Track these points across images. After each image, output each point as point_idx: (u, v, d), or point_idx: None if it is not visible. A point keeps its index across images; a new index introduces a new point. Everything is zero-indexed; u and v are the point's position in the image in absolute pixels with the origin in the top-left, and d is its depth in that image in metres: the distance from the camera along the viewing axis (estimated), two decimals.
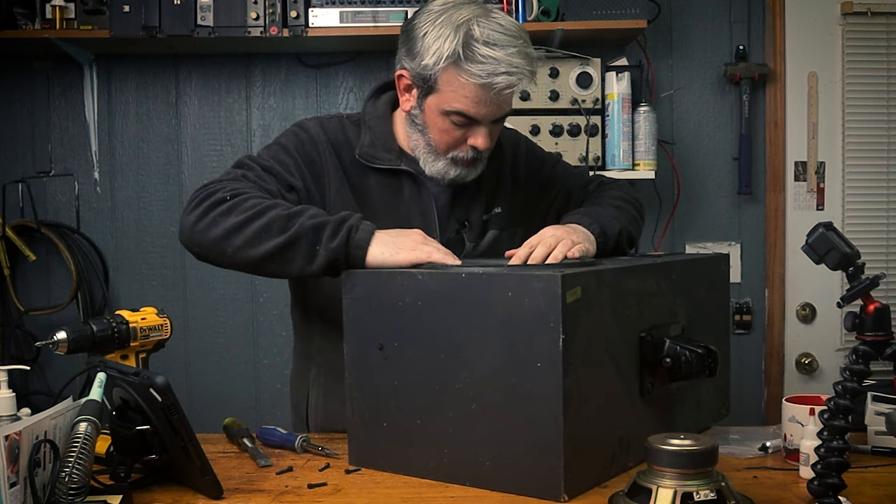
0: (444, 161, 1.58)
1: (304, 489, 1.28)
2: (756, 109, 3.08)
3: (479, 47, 1.45)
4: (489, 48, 1.45)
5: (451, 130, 1.54)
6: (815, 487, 1.14)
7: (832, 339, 3.13)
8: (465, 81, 1.47)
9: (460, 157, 1.57)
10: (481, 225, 1.67)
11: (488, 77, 1.45)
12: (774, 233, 3.09)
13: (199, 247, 1.49)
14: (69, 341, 1.40)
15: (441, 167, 1.59)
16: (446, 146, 1.56)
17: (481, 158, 1.60)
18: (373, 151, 1.62)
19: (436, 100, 1.52)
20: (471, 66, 1.45)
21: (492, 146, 1.59)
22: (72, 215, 3.05)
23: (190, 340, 3.02)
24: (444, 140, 1.56)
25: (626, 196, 1.73)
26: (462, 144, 1.56)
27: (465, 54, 1.45)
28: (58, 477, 1.11)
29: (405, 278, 1.32)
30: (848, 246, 1.12)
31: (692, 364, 1.34)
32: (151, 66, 3.05)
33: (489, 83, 1.46)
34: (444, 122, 1.53)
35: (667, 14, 3.07)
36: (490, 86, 1.46)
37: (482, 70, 1.45)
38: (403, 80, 1.57)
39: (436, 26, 1.48)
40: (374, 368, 1.35)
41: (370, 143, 1.62)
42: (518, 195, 1.73)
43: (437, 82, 1.50)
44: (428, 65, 1.48)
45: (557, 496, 1.19)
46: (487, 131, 1.54)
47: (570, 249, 1.44)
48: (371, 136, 1.63)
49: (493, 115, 1.52)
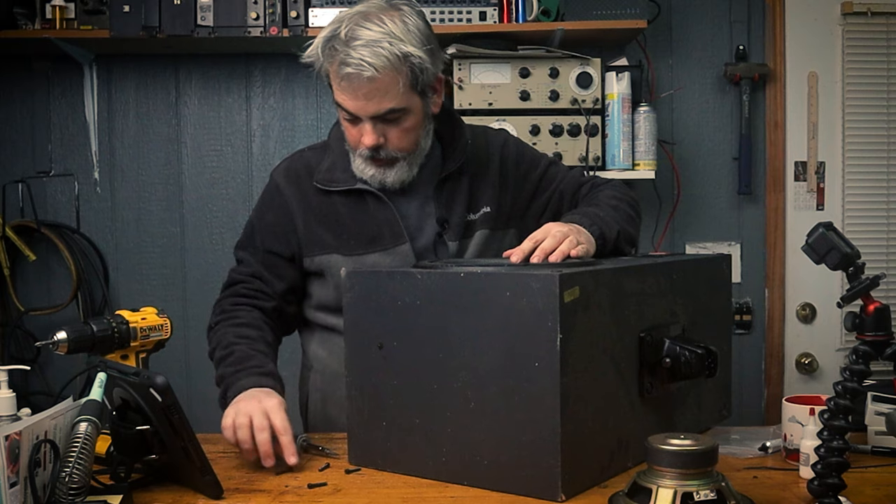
0: (358, 159, 1.63)
1: (304, 489, 1.28)
2: (756, 109, 3.08)
3: (340, 41, 1.52)
4: (342, 45, 1.52)
5: (350, 127, 1.61)
6: (815, 487, 1.14)
7: (832, 339, 3.12)
8: (334, 72, 1.55)
9: (364, 154, 1.61)
10: (464, 225, 1.67)
11: (345, 68, 1.52)
12: (774, 233, 3.09)
13: None
14: (69, 341, 1.40)
15: (359, 164, 1.64)
16: (352, 142, 1.62)
17: (394, 158, 1.61)
18: (330, 175, 1.68)
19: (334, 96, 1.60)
20: (333, 58, 1.54)
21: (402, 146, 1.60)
22: (72, 215, 3.05)
23: (190, 340, 3.01)
24: (349, 136, 1.63)
25: (621, 196, 1.72)
26: (359, 143, 1.60)
27: (333, 47, 1.53)
28: (58, 477, 1.11)
29: (404, 278, 1.32)
30: (848, 246, 1.12)
31: (692, 364, 1.34)
32: (151, 66, 3.05)
33: (347, 74, 1.52)
34: (343, 119, 1.61)
35: (667, 14, 3.07)
36: (348, 77, 1.52)
37: (339, 61, 1.53)
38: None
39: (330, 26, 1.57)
40: (373, 368, 1.35)
41: (328, 167, 1.69)
42: (507, 195, 1.73)
43: (330, 76, 1.58)
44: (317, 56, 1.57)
45: (555, 496, 1.19)
46: (370, 127, 1.57)
47: (575, 248, 1.44)
48: (331, 159, 1.70)
49: (363, 109, 1.55)
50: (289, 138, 3.07)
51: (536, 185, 1.76)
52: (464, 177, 1.69)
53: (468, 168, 1.69)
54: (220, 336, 1.64)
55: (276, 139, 3.08)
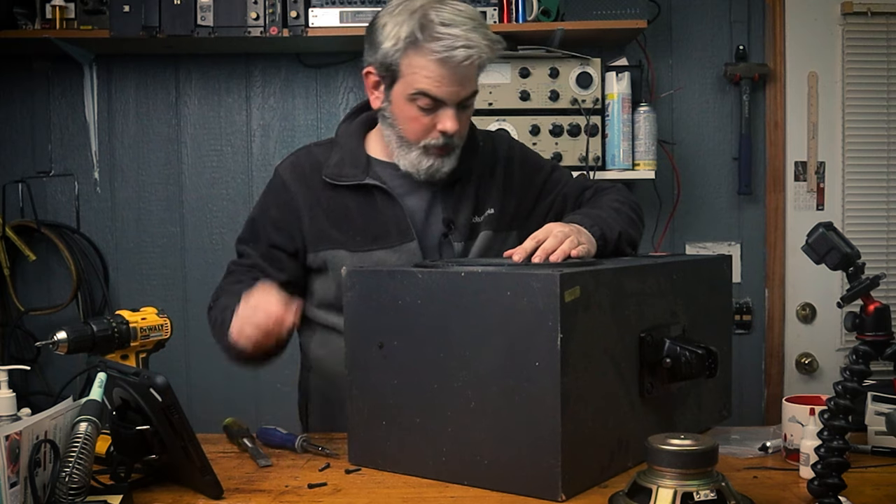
0: (416, 151, 1.61)
1: (304, 489, 1.28)
2: (756, 109, 3.08)
3: (436, 26, 1.50)
4: (445, 27, 1.50)
5: (420, 117, 1.57)
6: (815, 487, 1.14)
7: (832, 339, 3.12)
8: (425, 61, 1.51)
9: (431, 144, 1.59)
10: (469, 226, 1.68)
11: (446, 51, 1.50)
12: (774, 233, 3.09)
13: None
14: (69, 341, 1.40)
15: (414, 158, 1.61)
16: (416, 134, 1.59)
17: (453, 147, 1.62)
18: (339, 170, 1.67)
19: (401, 86, 1.56)
20: (429, 43, 1.50)
21: (463, 132, 1.61)
22: (72, 215, 3.05)
23: (190, 340, 3.02)
24: (413, 129, 1.59)
25: (624, 200, 1.73)
26: (431, 131, 1.58)
27: (422, 34, 1.51)
28: (58, 477, 1.11)
29: (405, 277, 1.32)
30: (848, 246, 1.12)
31: (692, 365, 1.34)
32: (151, 66, 3.05)
33: (448, 57, 1.50)
34: (412, 109, 1.57)
35: (667, 14, 3.07)
36: (449, 60, 1.50)
37: (440, 46, 1.50)
38: (371, 78, 1.61)
39: (393, 16, 1.55)
40: (373, 367, 1.35)
41: (337, 162, 1.68)
42: (511, 198, 1.74)
43: (400, 67, 1.54)
44: (388, 51, 1.53)
45: (555, 496, 1.19)
46: (454, 113, 1.56)
47: (576, 248, 1.45)
48: (340, 155, 1.69)
49: (456, 94, 1.55)
50: (289, 138, 3.07)
51: (540, 188, 1.77)
52: (472, 179, 1.69)
53: (476, 171, 1.69)
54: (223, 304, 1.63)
55: (276, 139, 3.08)
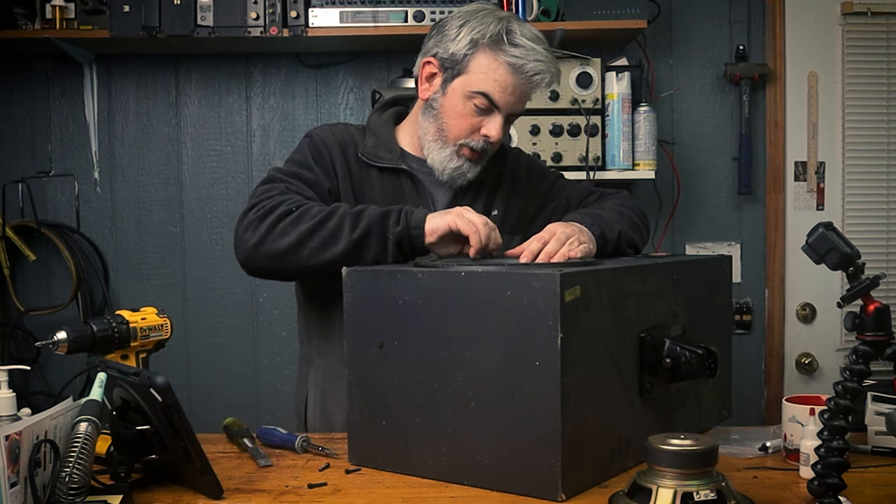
0: (450, 149, 1.64)
1: (304, 489, 1.28)
2: (756, 109, 3.08)
3: (519, 37, 1.57)
4: (527, 40, 1.58)
5: (469, 116, 1.60)
6: (815, 487, 1.14)
7: (832, 339, 3.13)
8: (497, 64, 1.57)
9: (469, 145, 1.63)
10: None
11: (523, 60, 1.56)
12: (774, 233, 3.09)
13: (269, 258, 1.52)
14: (69, 341, 1.40)
15: (446, 155, 1.64)
16: (459, 131, 1.62)
17: (486, 155, 1.66)
18: (375, 151, 1.69)
19: (462, 82, 1.60)
20: (510, 48, 1.56)
21: (499, 143, 1.66)
22: (72, 215, 3.05)
23: (190, 340, 3.02)
24: (458, 125, 1.61)
25: (629, 205, 1.77)
26: (474, 133, 1.62)
27: (507, 38, 1.57)
28: (58, 477, 1.11)
29: (405, 277, 1.32)
30: (848, 246, 1.12)
31: (692, 365, 1.34)
32: (151, 66, 3.05)
33: (521, 66, 1.56)
34: (465, 107, 1.60)
35: (667, 14, 3.07)
36: (521, 69, 1.56)
37: (520, 52, 1.56)
38: (428, 68, 1.65)
39: (476, 17, 1.60)
40: (373, 367, 1.35)
41: (373, 145, 1.70)
42: (516, 202, 1.77)
43: (468, 64, 1.59)
44: (461, 46, 1.58)
45: (555, 495, 1.19)
46: (502, 122, 1.61)
47: (577, 248, 1.46)
48: (374, 139, 1.71)
49: (512, 106, 1.60)
50: (289, 138, 3.07)
51: (545, 194, 1.82)
52: (486, 183, 1.73)
53: (485, 175, 1.72)
54: (322, 207, 1.53)
55: (276, 139, 3.08)
